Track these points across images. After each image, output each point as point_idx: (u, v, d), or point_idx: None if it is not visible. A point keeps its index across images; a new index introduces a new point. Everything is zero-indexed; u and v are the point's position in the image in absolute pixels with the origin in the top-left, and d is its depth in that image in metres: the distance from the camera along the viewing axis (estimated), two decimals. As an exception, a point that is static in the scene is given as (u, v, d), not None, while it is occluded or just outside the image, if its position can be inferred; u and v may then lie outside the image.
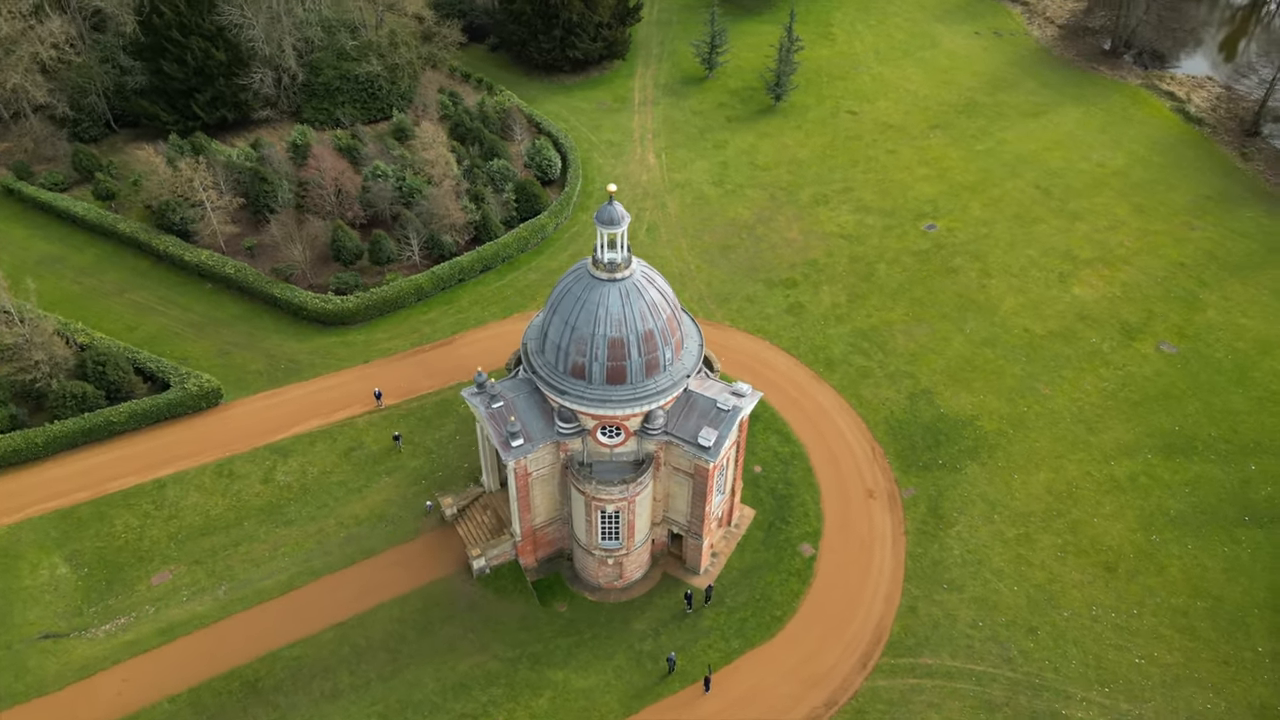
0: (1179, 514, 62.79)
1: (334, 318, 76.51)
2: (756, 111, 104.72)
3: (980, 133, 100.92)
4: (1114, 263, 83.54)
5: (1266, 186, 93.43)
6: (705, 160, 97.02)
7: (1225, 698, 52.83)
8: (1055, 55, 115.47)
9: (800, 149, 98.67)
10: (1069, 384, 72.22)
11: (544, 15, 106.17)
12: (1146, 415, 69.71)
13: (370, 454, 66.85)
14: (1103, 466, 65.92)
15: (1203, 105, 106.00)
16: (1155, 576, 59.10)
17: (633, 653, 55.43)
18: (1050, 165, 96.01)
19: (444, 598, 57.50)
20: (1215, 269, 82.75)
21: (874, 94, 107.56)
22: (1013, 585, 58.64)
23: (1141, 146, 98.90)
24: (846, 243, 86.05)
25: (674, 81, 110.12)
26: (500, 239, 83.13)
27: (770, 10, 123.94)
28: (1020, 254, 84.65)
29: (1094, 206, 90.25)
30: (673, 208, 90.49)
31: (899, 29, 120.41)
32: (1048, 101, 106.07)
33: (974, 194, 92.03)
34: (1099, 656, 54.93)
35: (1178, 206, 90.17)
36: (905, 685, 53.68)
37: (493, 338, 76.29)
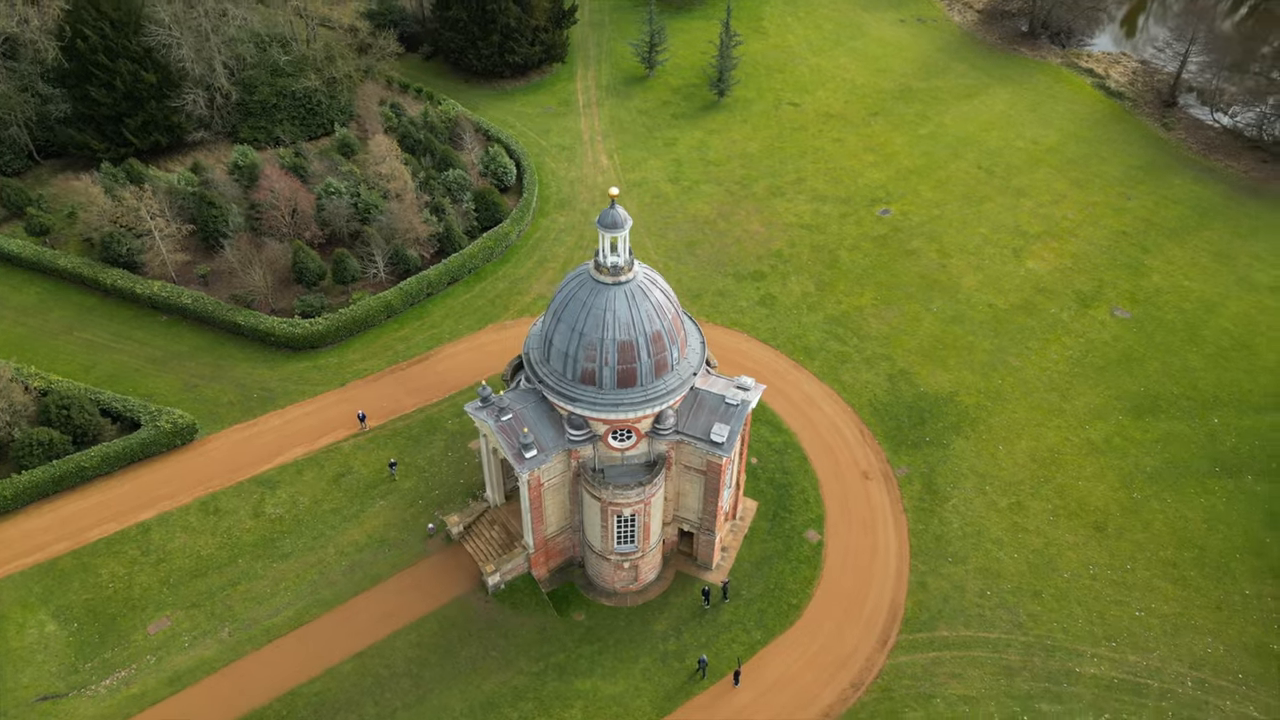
0: (1155, 470, 65.89)
1: (304, 342, 74.35)
2: (701, 108, 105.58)
3: (919, 117, 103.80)
4: (1061, 235, 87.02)
5: (1190, 154, 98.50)
6: (658, 159, 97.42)
7: (1222, 641, 55.74)
8: (978, 39, 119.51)
9: (749, 143, 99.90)
10: (1036, 354, 75.00)
11: (481, 22, 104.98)
12: (1112, 379, 72.89)
13: (361, 479, 65.25)
14: (1079, 431, 68.70)
15: (1121, 80, 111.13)
16: (1142, 532, 61.92)
17: (658, 654, 55.51)
18: (989, 145, 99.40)
19: (461, 618, 56.56)
20: (1154, 235, 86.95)
21: (812, 85, 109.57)
22: (1012, 553, 60.69)
23: (1070, 123, 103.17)
24: (807, 232, 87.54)
25: (616, 82, 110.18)
26: (465, 250, 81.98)
27: (701, 7, 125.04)
28: (973, 232, 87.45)
29: (1035, 183, 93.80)
30: (633, 208, 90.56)
31: (827, 20, 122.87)
32: (978, 84, 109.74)
33: (921, 177, 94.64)
34: (1101, 613, 57.31)
35: (1112, 178, 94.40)
36: (926, 659, 55.08)
37: (470, 350, 75.25)
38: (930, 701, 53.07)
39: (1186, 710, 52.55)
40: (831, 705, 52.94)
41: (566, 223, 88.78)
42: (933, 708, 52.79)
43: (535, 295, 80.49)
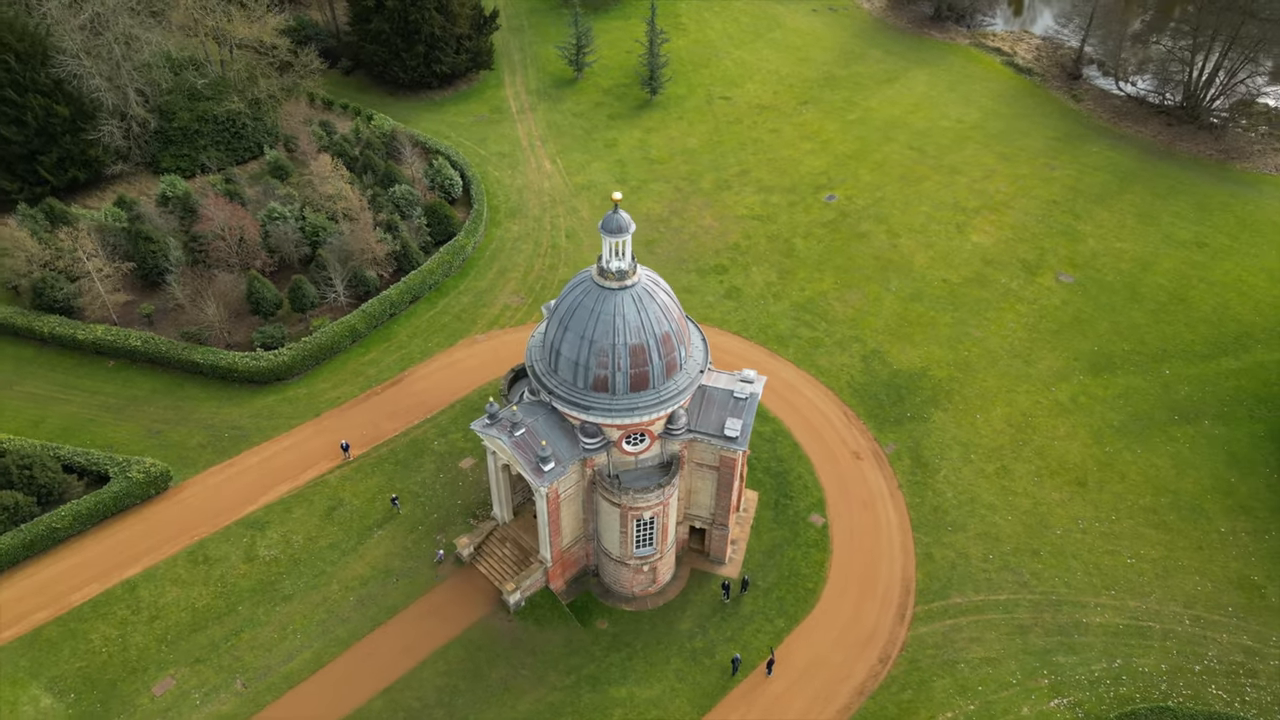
0: (1121, 424, 69.52)
1: (269, 375, 71.52)
2: (635, 107, 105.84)
3: (846, 104, 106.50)
4: (998, 208, 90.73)
5: (1101, 123, 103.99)
6: (601, 161, 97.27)
7: (1209, 578, 59.31)
8: (889, 24, 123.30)
9: (688, 139, 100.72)
10: (994, 324, 78.08)
11: (404, 33, 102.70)
12: (1067, 341, 76.48)
13: (354, 510, 63.28)
14: (1046, 393, 71.90)
15: (1028, 57, 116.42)
16: (1120, 483, 65.28)
17: (687, 653, 55.70)
18: (916, 126, 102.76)
19: (486, 640, 55.52)
20: (1082, 202, 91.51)
21: (740, 78, 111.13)
22: (1006, 516, 63.15)
23: (988, 100, 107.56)
24: (759, 223, 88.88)
25: (545, 86, 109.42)
26: (424, 266, 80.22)
27: (619, 6, 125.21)
28: (916, 212, 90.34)
29: (965, 160, 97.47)
30: (585, 211, 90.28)
31: (743, 13, 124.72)
32: (896, 68, 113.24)
33: (859, 162, 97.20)
34: (1097, 564, 60.24)
35: (1035, 151, 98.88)
36: (944, 627, 56.87)
37: (444, 369, 73.76)
38: (955, 667, 54.85)
39: (1188, 647, 55.75)
40: (864, 682, 54.16)
41: (520, 231, 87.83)
42: (958, 673, 54.58)
43: (501, 307, 79.44)
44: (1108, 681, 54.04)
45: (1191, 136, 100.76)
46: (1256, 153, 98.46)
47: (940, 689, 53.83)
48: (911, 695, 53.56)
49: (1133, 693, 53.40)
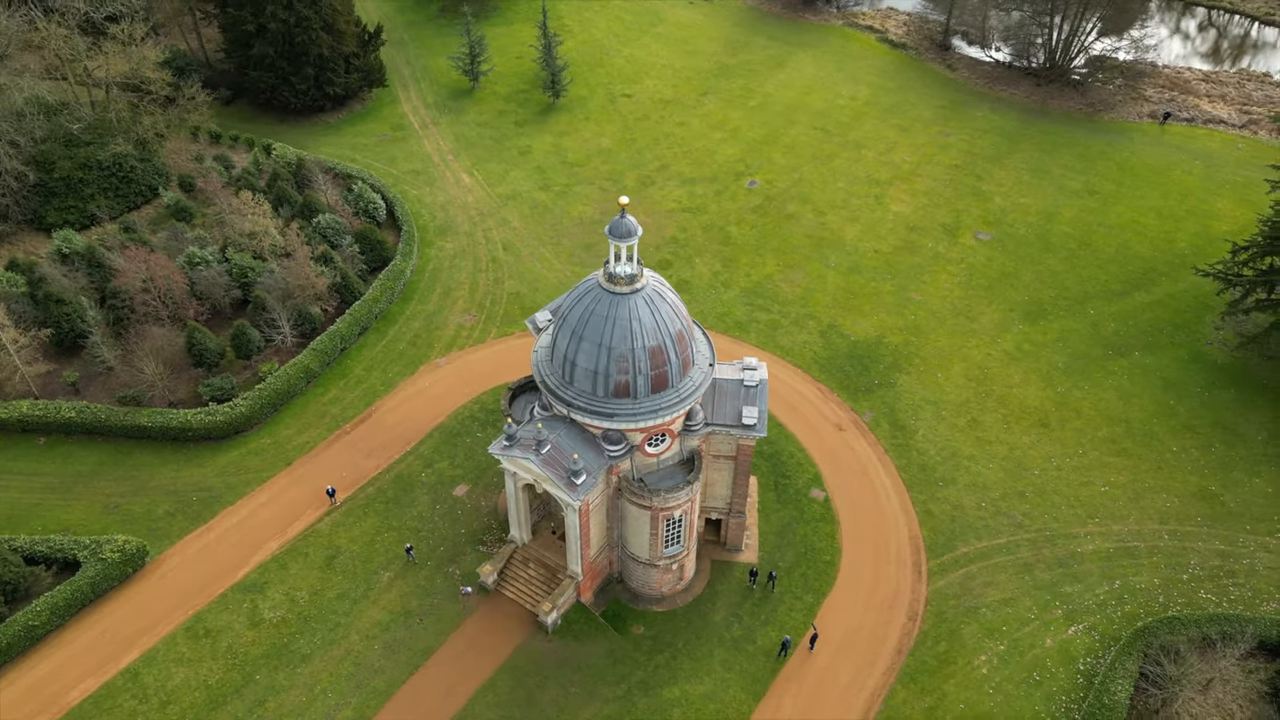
0: (1065, 365, 74.70)
1: (227, 429, 67.36)
2: (539, 112, 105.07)
3: (744, 91, 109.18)
4: (907, 178, 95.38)
5: (977, 88, 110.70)
6: (519, 169, 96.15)
7: (1175, 494, 64.77)
8: (764, 11, 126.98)
9: (601, 139, 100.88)
10: (931, 286, 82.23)
11: (290, 56, 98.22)
12: (999, 294, 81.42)
13: (354, 556, 60.62)
14: (994, 345, 76.40)
15: (899, 32, 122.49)
16: (1077, 420, 70.23)
17: (728, 643, 56.41)
18: (815, 107, 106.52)
19: (530, 665, 54.45)
20: (980, 164, 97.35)
21: (636, 75, 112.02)
22: (987, 465, 66.91)
23: (873, 76, 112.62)
24: (691, 215, 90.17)
25: (443, 99, 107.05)
26: (366, 295, 77.31)
27: (499, 13, 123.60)
28: (835, 188, 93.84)
29: (867, 135, 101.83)
30: (516, 221, 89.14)
31: (624, 10, 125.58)
32: (782, 53, 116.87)
33: (770, 146, 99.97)
34: (1076, 497, 64.72)
35: (927, 120, 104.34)
36: (959, 577, 59.85)
37: (412, 398, 71.48)
38: (978, 613, 57.87)
39: (1172, 559, 60.79)
40: (899, 642, 56.39)
41: (455, 248, 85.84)
42: (981, 618, 57.62)
43: (455, 328, 77.56)
44: (1112, 603, 58.33)
45: (1060, 94, 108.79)
46: (1118, 103, 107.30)
47: (969, 635, 56.72)
48: (945, 646, 56.19)
49: (1136, 609, 57.87)
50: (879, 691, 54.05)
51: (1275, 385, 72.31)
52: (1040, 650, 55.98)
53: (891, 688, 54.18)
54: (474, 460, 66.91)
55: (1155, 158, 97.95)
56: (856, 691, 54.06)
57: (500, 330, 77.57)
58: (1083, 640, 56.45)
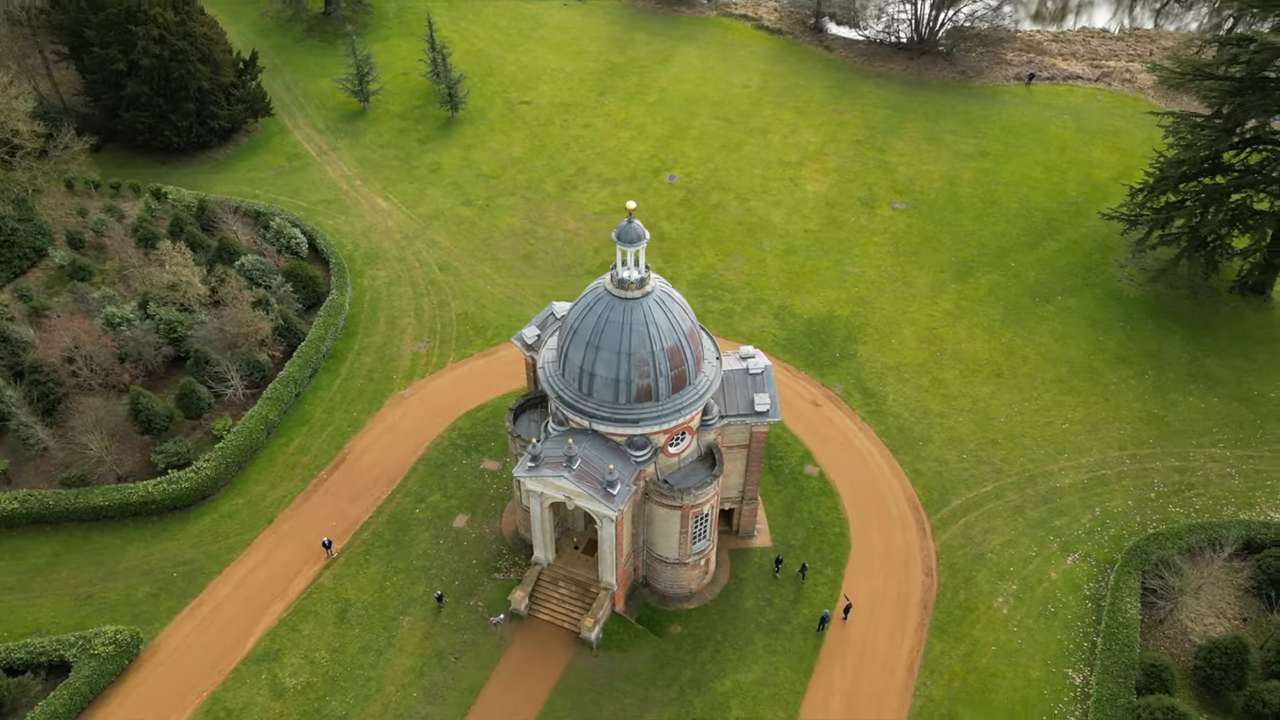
0: (1001, 317, 79.52)
1: (193, 495, 62.86)
2: (440, 127, 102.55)
3: (640, 88, 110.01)
4: (815, 157, 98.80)
5: (857, 66, 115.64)
6: (434, 187, 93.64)
7: (1125, 422, 70.23)
8: (639, 8, 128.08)
9: (510, 148, 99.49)
10: (864, 258, 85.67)
11: (168, 92, 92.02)
12: (927, 258, 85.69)
13: (367, 605, 57.93)
14: (934, 306, 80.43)
15: (772, 18, 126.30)
16: (1025, 365, 74.98)
17: (765, 628, 57.34)
18: (712, 98, 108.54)
19: (582, 683, 53.63)
20: (879, 137, 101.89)
21: (529, 80, 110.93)
22: (958, 419, 70.52)
23: (759, 63, 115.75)
24: (619, 215, 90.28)
25: (334, 122, 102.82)
26: (311, 335, 73.59)
27: (370, 31, 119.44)
28: (751, 175, 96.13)
29: (768, 120, 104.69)
30: (445, 240, 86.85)
31: (501, 17, 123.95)
32: (666, 47, 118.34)
33: (679, 140, 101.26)
34: (1043, 437, 69.20)
35: (820, 101, 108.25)
36: (960, 528, 62.97)
37: (384, 434, 68.77)
38: (985, 558, 61.12)
39: (1138, 481, 65.97)
40: (923, 598, 58.88)
41: (389, 275, 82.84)
42: (989, 562, 60.90)
43: (411, 357, 74.99)
44: (1098, 529, 62.86)
45: (933, 65, 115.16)
46: (985, 69, 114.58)
47: (983, 581, 59.86)
48: (965, 594, 59.10)
49: (1120, 531, 62.60)
50: (917, 648, 56.34)
51: (1185, 312, 79.46)
52: (1048, 584, 59.75)
53: (927, 642, 56.59)
54: (466, 489, 65.10)
55: (1030, 116, 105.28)
56: (896, 652, 56.15)
57: (458, 353, 75.55)
58: (1081, 568, 60.63)
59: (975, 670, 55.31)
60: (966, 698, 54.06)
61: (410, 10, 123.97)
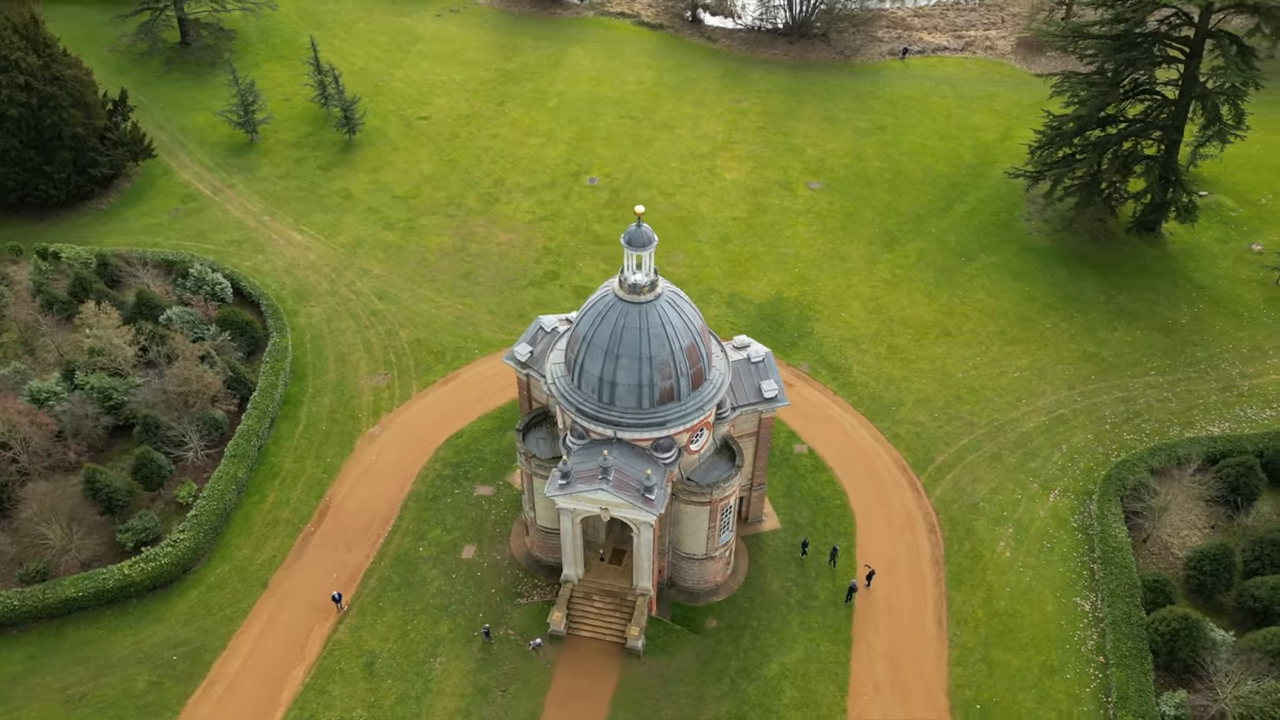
0: (934, 279, 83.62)
1: (174, 571, 58.47)
2: (339, 152, 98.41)
3: (537, 93, 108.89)
4: (725, 147, 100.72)
5: (742, 54, 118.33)
6: (350, 215, 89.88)
7: (1067, 362, 75.28)
8: (515, 14, 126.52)
9: (420, 166, 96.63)
10: (796, 239, 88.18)
11: (39, 143, 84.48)
12: (854, 232, 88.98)
13: (394, 654, 55.56)
14: (873, 277, 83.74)
15: (650, 14, 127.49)
16: (968, 322, 79.20)
17: (795, 607, 58.56)
18: (611, 98, 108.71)
19: (637, 692, 53.23)
20: (779, 121, 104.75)
21: (421, 95, 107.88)
22: (921, 381, 73.81)
23: (648, 58, 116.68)
24: (550, 223, 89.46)
25: (222, 158, 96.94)
26: (262, 383, 69.49)
27: (236, 58, 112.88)
28: (669, 170, 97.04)
29: (671, 115, 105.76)
30: (376, 268, 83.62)
31: (377, 33, 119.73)
32: (553, 51, 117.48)
33: (589, 141, 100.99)
34: (1000, 385, 73.42)
35: (716, 92, 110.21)
36: (949, 482, 66.14)
37: (362, 477, 65.97)
38: (978, 508, 64.45)
39: (1090, 414, 70.96)
40: (933, 553, 61.59)
41: (325, 311, 79.12)
42: (982, 510, 64.27)
43: (372, 392, 72.04)
44: (1069, 465, 67.39)
45: (812, 48, 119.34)
46: (861, 48, 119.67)
47: (982, 529, 63.14)
48: (970, 544, 62.19)
49: (1090, 464, 67.34)
50: (940, 602, 58.91)
51: (1092, 255, 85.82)
52: (1039, 522, 63.67)
53: (948, 595, 59.25)
54: (466, 518, 63.26)
55: (911, 89, 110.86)
56: (922, 609, 58.54)
57: (421, 382, 73.08)
58: (1064, 502, 64.91)
59: (997, 613, 58.39)
60: (996, 640, 57.02)
61: (275, 34, 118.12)
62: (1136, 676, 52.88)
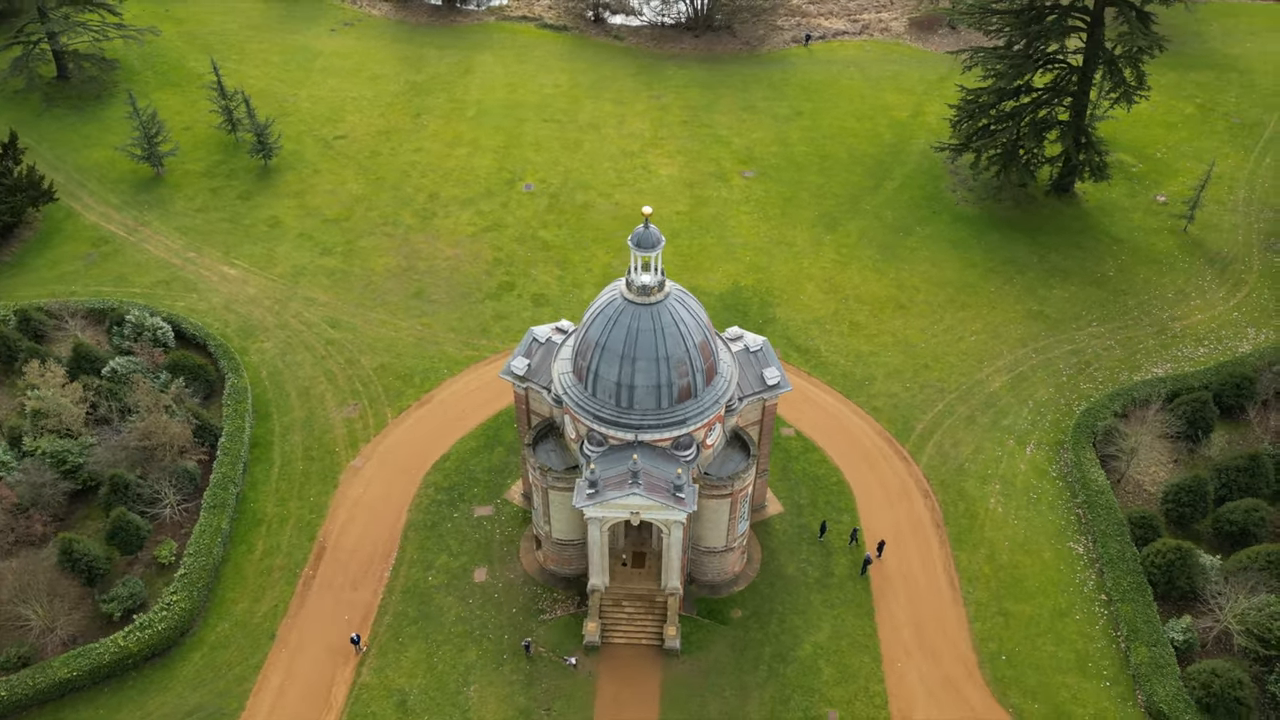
0: (879, 255, 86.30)
1: (172, 636, 54.95)
2: (258, 179, 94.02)
3: (454, 103, 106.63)
4: (655, 143, 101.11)
5: (652, 50, 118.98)
6: (281, 243, 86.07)
7: (1016, 322, 78.97)
8: (412, 24, 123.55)
9: (347, 186, 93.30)
10: (740, 228, 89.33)
11: (-71, 194, 77.53)
12: (794, 217, 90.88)
13: (425, 687, 53.87)
14: (822, 259, 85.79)
15: (552, 16, 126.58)
16: (918, 293, 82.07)
17: (815, 587, 59.66)
18: (530, 102, 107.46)
19: (683, 691, 53.23)
20: (702, 114, 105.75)
21: (334, 114, 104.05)
22: (888, 354, 76.12)
23: (559, 61, 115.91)
24: (495, 233, 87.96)
25: (130, 195, 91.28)
26: (228, 427, 65.95)
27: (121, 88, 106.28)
28: (603, 170, 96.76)
29: (594, 116, 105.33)
30: (322, 295, 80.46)
31: (268, 53, 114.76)
32: (461, 59, 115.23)
33: (518, 148, 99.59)
34: (960, 350, 76.44)
35: (634, 89, 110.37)
36: (932, 449, 68.52)
37: (354, 511, 63.58)
38: (964, 469, 67.06)
39: (1049, 368, 74.67)
40: (933, 516, 63.79)
41: (277, 345, 75.63)
42: (969, 471, 66.91)
43: (344, 424, 69.37)
44: (1037, 418, 70.88)
45: (718, 40, 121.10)
46: (765, 37, 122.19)
47: (972, 486, 65.81)
48: (963, 504, 64.71)
49: (1056, 415, 71.00)
50: (948, 564, 61.12)
51: (1018, 219, 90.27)
52: (1022, 475, 66.80)
53: (954, 556, 61.51)
54: (470, 541, 61.76)
55: (820, 74, 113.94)
56: (933, 574, 60.60)
57: (394, 408, 70.79)
58: (1040, 454, 68.30)
59: (1002, 568, 61.00)
60: (1007, 593, 59.59)
61: (161, 60, 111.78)
62: (1141, 609, 56.24)
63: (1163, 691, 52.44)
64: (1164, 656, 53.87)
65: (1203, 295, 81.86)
